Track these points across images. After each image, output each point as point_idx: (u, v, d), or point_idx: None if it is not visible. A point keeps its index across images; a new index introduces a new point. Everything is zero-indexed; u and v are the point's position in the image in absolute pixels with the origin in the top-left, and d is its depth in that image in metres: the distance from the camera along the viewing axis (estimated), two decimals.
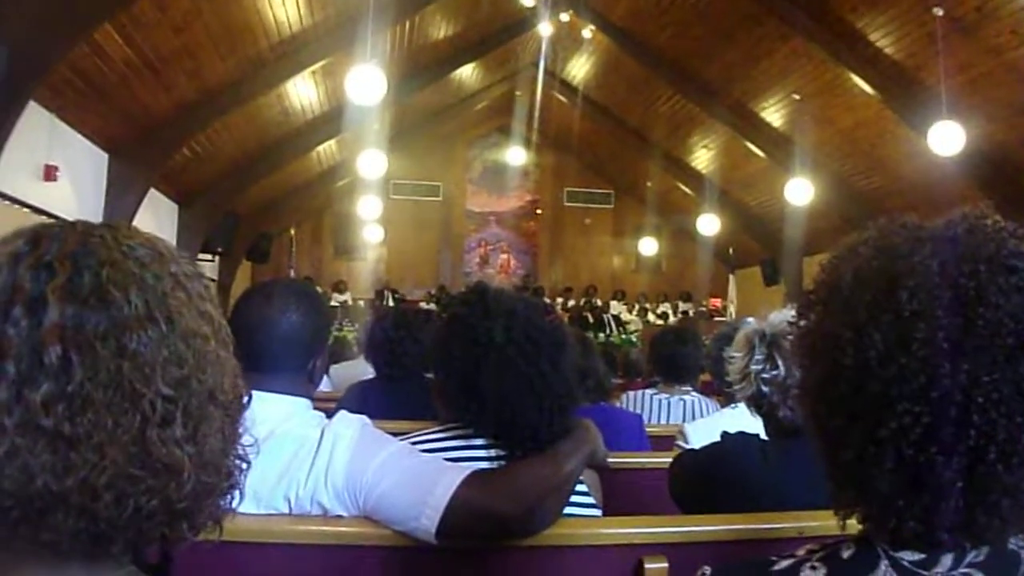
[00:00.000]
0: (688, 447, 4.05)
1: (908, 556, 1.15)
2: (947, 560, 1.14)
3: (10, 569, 1.01)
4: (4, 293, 0.98)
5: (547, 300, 20.96)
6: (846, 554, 1.20)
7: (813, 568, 1.19)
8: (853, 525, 1.24)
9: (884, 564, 1.15)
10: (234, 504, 1.18)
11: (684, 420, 5.48)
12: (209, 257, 18.46)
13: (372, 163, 15.07)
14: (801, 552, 1.25)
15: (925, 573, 1.13)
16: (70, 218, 1.13)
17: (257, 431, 1.24)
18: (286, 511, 2.24)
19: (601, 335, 20.08)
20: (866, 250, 1.23)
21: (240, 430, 1.17)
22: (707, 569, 1.29)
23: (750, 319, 3.24)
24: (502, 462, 2.46)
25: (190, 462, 1.04)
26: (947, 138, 11.93)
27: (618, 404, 5.72)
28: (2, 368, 0.95)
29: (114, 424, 0.98)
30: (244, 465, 1.18)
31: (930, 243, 1.17)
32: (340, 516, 2.23)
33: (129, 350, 1.00)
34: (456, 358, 2.51)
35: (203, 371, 1.08)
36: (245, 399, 1.19)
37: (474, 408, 2.48)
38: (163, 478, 1.02)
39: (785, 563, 1.23)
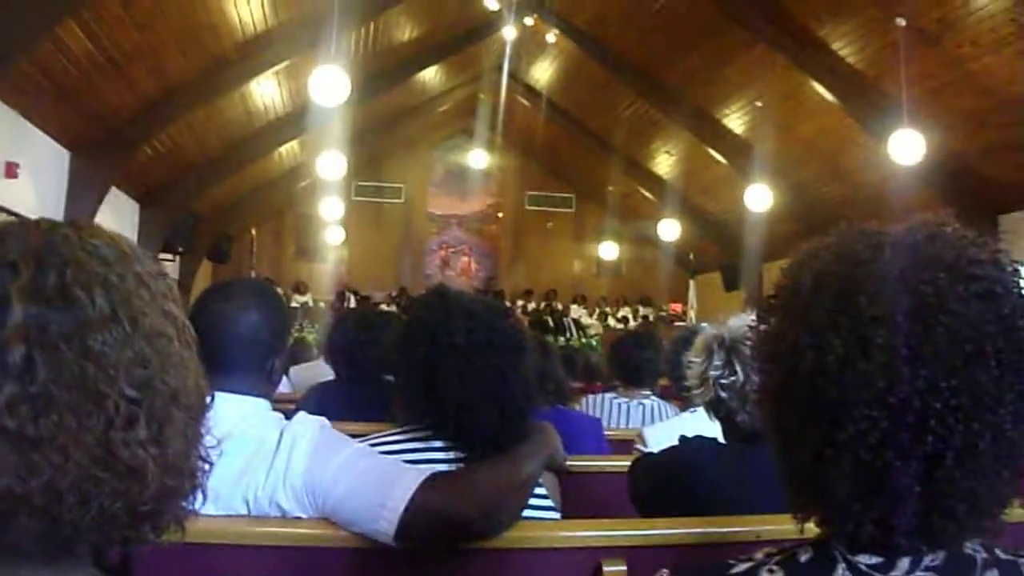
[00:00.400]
0: (647, 451, 4.06)
1: (865, 560, 1.16)
2: (904, 563, 1.15)
3: None
4: None
5: (507, 303, 21.03)
6: (803, 558, 1.21)
7: (771, 571, 1.20)
8: (811, 529, 1.26)
9: (841, 568, 1.16)
10: (196, 505, 1.17)
11: (643, 424, 5.50)
12: (170, 257, 18.34)
13: (331, 164, 14.99)
14: (759, 555, 1.25)
15: None
16: (31, 216, 1.13)
17: (216, 431, 1.23)
18: (245, 512, 2.22)
19: (561, 339, 20.07)
20: (827, 255, 1.23)
21: (203, 431, 1.17)
22: (665, 572, 1.29)
23: (704, 324, 3.26)
24: (461, 464, 2.47)
25: (154, 464, 1.04)
26: (907, 147, 12.00)
27: (577, 408, 5.73)
28: None
29: (78, 426, 0.97)
30: (206, 466, 1.18)
31: (890, 249, 1.18)
32: (299, 517, 2.23)
33: (93, 351, 0.99)
34: (416, 360, 2.51)
35: (167, 372, 1.07)
36: (208, 400, 1.18)
37: (434, 410, 2.48)
38: (127, 480, 1.01)
39: (743, 566, 1.24)
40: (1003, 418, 1.09)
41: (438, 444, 2.52)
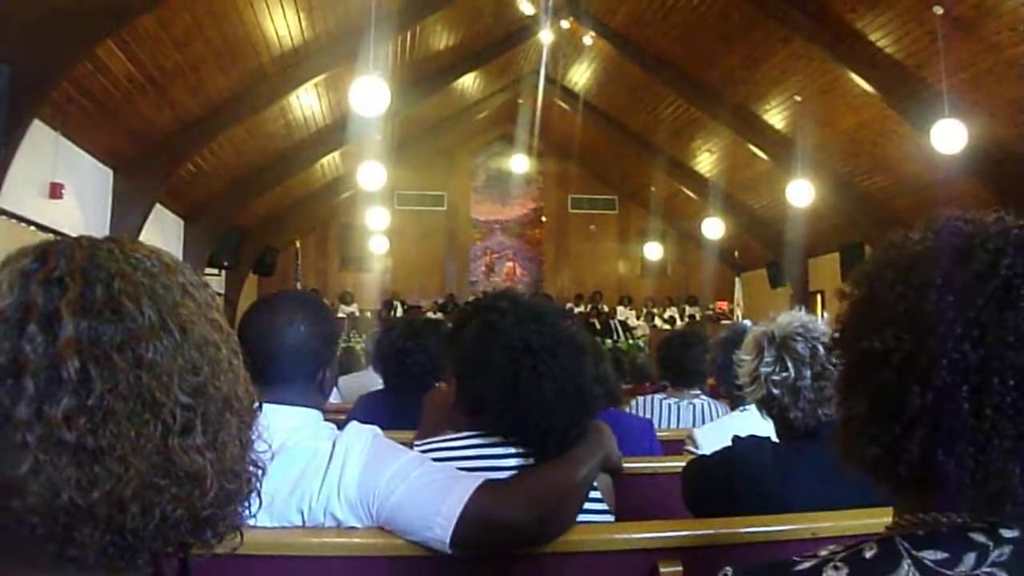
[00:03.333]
0: (698, 451, 4.05)
1: (931, 555, 1.15)
2: (970, 559, 1.14)
3: None
4: (17, 310, 0.98)
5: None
6: (868, 554, 1.20)
7: (836, 568, 1.19)
8: (870, 525, 1.25)
9: (907, 563, 1.15)
10: (253, 510, 1.18)
11: (694, 423, 5.48)
12: (215, 271, 18.49)
13: (372, 175, 15.04)
14: (823, 552, 1.24)
15: (948, 572, 1.13)
16: (76, 235, 1.14)
17: (270, 443, 1.24)
18: (299, 523, 2.23)
19: (608, 341, 20.02)
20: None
21: (254, 436, 1.18)
22: (728, 570, 1.28)
23: (747, 321, 3.26)
24: (529, 465, 2.46)
25: (212, 469, 1.05)
26: (949, 136, 11.91)
27: (628, 410, 5.72)
28: (20, 385, 0.95)
29: (136, 434, 0.99)
30: (260, 471, 1.18)
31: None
32: (354, 527, 2.23)
33: (146, 360, 1.00)
34: (494, 365, 2.49)
35: (218, 378, 1.09)
36: (256, 405, 1.19)
37: (511, 414, 2.47)
38: (187, 486, 1.02)
39: (807, 564, 1.23)
40: None
41: (506, 448, 2.52)
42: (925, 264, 1.18)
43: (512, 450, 2.51)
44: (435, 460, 2.39)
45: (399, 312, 22.12)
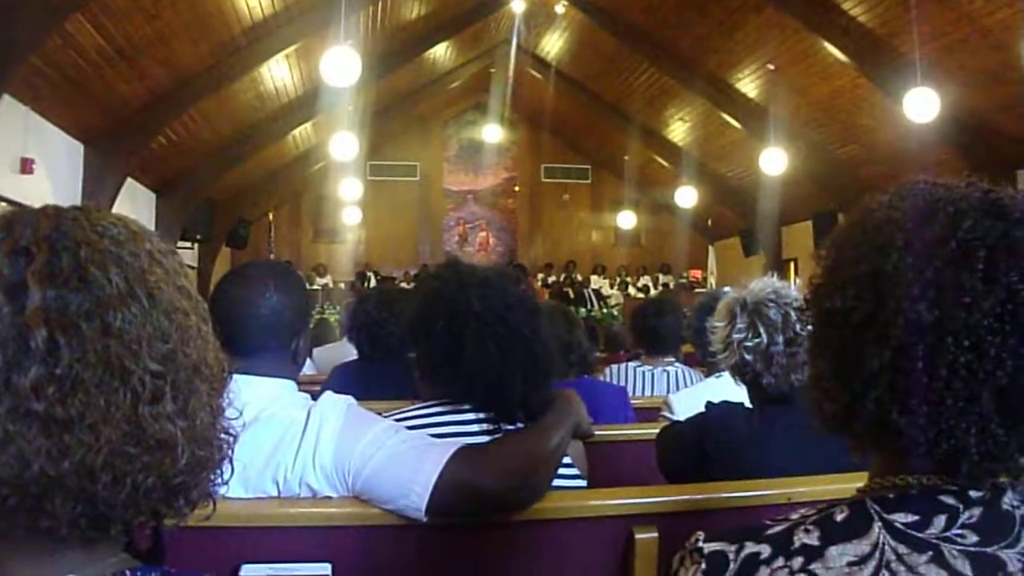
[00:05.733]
0: (674, 418, 4.06)
1: (901, 518, 1.16)
2: (940, 521, 1.14)
3: (6, 560, 1.01)
4: None
5: (528, 275, 21.07)
6: (839, 517, 1.21)
7: (807, 531, 1.20)
8: (843, 490, 1.26)
9: (877, 526, 1.16)
10: (225, 477, 1.18)
11: (668, 391, 5.49)
12: (188, 245, 18.47)
13: (345, 145, 14.96)
14: (795, 516, 1.25)
15: (919, 534, 1.14)
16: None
17: (243, 414, 1.24)
18: (275, 494, 2.23)
19: (583, 310, 20.03)
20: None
21: (225, 404, 1.18)
22: (700, 534, 1.29)
23: (727, 288, 3.27)
24: (491, 433, 2.48)
25: (183, 436, 1.05)
26: (922, 105, 11.93)
27: (602, 378, 5.74)
28: None
29: (106, 403, 0.98)
30: (231, 439, 1.18)
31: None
32: (329, 497, 2.23)
33: (114, 328, 1.00)
34: (437, 332, 2.53)
35: (187, 345, 1.08)
36: (227, 373, 1.19)
37: (461, 379, 2.49)
38: (158, 454, 1.02)
39: (779, 527, 1.23)
40: (981, 327, 1.10)
41: (469, 416, 2.53)
42: (888, 226, 1.19)
43: (472, 416, 2.53)
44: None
45: (373, 283, 22.09)
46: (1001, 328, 1.09)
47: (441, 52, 20.97)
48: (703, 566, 1.24)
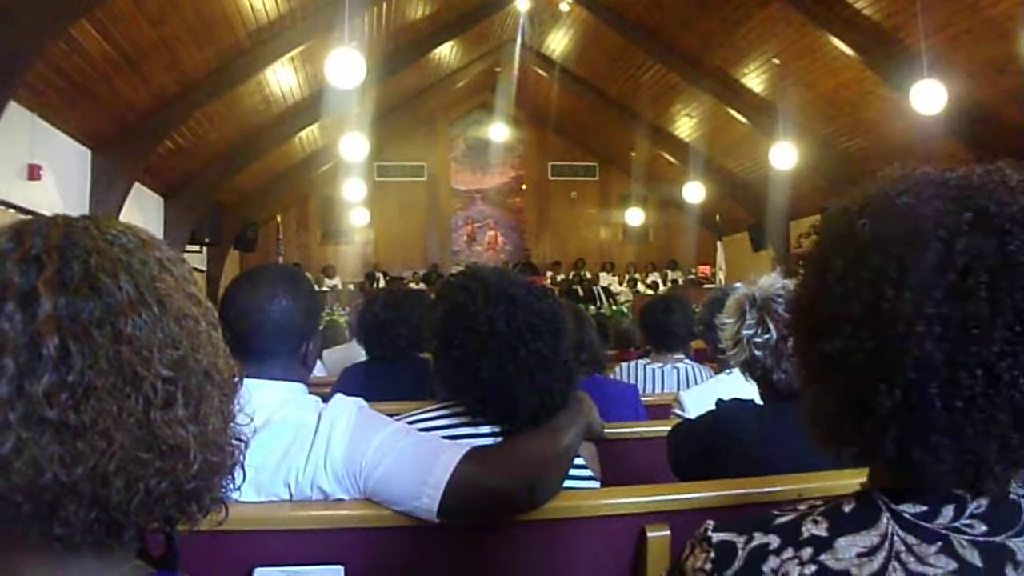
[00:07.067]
0: (685, 415, 4.06)
1: (909, 509, 1.16)
2: (948, 511, 1.15)
3: (21, 567, 1.02)
4: None
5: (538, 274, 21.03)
6: (847, 508, 1.21)
7: (815, 522, 1.20)
8: (852, 485, 1.26)
9: (886, 517, 1.16)
10: (237, 482, 1.19)
11: (679, 388, 5.50)
12: (197, 248, 18.46)
13: (353, 146, 14.98)
14: (803, 507, 1.26)
15: (927, 525, 1.14)
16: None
17: (255, 418, 1.25)
18: (287, 497, 2.23)
19: (592, 307, 20.02)
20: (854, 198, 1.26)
21: (235, 409, 1.18)
22: (710, 523, 1.30)
23: (738, 284, 3.26)
24: (501, 438, 2.47)
25: (195, 442, 1.05)
26: (929, 97, 11.93)
27: (612, 376, 5.74)
28: (0, 364, 0.95)
29: (118, 409, 0.99)
30: (243, 444, 1.19)
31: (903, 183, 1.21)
32: (341, 499, 2.23)
33: (125, 334, 1.01)
34: (456, 346, 2.49)
35: (198, 351, 1.09)
36: (237, 379, 1.20)
37: (475, 395, 2.48)
38: (170, 459, 1.03)
39: (787, 517, 1.24)
40: (992, 354, 1.08)
41: (482, 428, 2.52)
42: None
43: (487, 429, 2.53)
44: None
45: (381, 284, 22.09)
46: (1012, 351, 1.08)
47: (446, 52, 20.93)
48: (712, 555, 1.26)
